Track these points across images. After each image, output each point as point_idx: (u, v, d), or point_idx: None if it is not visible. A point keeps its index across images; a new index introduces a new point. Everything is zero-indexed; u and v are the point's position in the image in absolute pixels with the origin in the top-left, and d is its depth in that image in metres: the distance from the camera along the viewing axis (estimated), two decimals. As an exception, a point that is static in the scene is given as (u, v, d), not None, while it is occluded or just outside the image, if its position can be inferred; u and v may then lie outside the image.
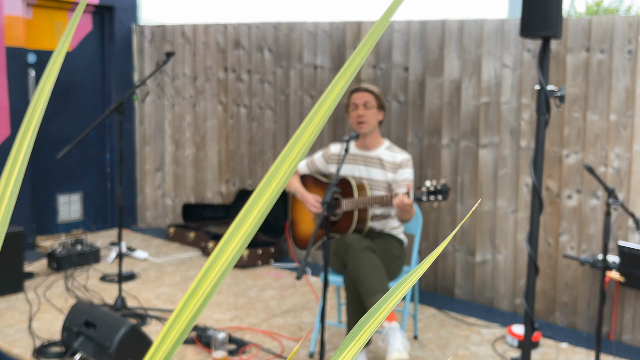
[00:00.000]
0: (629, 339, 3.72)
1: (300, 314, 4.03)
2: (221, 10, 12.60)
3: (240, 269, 4.93)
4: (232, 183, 5.60)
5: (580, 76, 3.79)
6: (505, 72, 4.06)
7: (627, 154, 3.66)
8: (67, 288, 4.36)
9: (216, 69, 5.58)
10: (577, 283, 3.90)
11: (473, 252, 4.28)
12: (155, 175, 6.14)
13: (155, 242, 5.66)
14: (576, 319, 3.92)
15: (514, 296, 4.16)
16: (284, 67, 5.14)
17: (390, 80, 4.53)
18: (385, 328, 3.01)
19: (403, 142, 4.48)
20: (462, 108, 4.24)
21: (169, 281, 4.61)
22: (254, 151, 5.42)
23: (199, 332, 3.53)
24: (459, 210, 4.32)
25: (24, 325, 3.72)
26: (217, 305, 4.15)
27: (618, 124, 3.68)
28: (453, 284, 4.41)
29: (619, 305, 3.73)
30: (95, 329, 3.13)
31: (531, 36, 2.78)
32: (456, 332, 3.82)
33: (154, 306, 4.10)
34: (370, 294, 3.03)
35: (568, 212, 3.89)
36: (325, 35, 4.86)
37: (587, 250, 3.84)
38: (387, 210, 3.45)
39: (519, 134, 4.04)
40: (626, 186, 3.67)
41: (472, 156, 4.23)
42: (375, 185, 3.41)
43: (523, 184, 4.06)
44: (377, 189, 3.40)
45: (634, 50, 3.60)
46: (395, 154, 3.43)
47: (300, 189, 3.54)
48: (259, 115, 5.34)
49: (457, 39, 4.23)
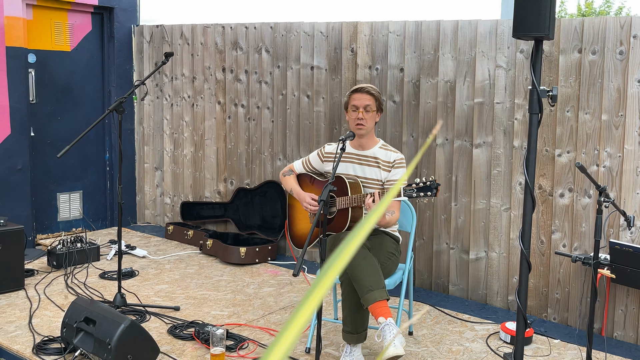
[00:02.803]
0: (620, 335, 3.79)
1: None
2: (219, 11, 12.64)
3: (238, 266, 4.98)
4: (230, 182, 5.66)
5: (572, 77, 3.85)
6: (499, 72, 4.12)
7: (618, 153, 3.72)
8: (67, 285, 4.41)
9: (214, 69, 5.63)
10: (569, 280, 3.97)
11: (467, 249, 4.34)
12: (154, 174, 6.19)
13: (154, 240, 5.72)
14: (568, 316, 3.98)
15: (507, 293, 4.22)
16: (281, 67, 5.19)
17: (385, 81, 4.59)
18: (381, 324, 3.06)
19: (398, 142, 4.54)
20: (456, 108, 4.30)
21: (168, 278, 4.67)
22: (251, 150, 5.47)
23: (198, 328, 3.58)
24: (453, 209, 4.38)
25: (24, 322, 3.77)
26: (216, 302, 4.21)
27: (610, 124, 3.74)
28: (447, 281, 4.47)
29: (611, 302, 3.79)
30: (95, 326, 3.18)
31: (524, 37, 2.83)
32: (450, 328, 3.88)
33: (153, 303, 4.15)
34: (366, 291, 3.08)
35: (560, 210, 3.95)
36: (321, 36, 4.92)
37: (579, 247, 3.90)
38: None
39: (512, 133, 4.11)
40: (617, 185, 3.73)
41: (466, 155, 4.29)
42: (369, 184, 3.46)
43: (516, 182, 4.12)
44: (371, 187, 3.45)
45: (625, 51, 3.66)
46: (390, 153, 3.48)
47: (296, 188, 3.60)
48: (257, 115, 5.40)
49: (451, 40, 4.29)
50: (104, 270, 4.78)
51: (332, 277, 0.55)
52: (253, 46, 5.36)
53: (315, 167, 3.67)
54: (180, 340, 3.58)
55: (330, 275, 0.55)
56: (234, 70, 5.50)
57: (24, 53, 5.27)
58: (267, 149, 5.36)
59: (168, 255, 5.26)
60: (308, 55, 5.01)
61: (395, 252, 3.46)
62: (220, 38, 5.56)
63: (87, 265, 4.85)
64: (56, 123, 5.67)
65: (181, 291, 4.40)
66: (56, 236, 5.67)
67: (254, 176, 5.48)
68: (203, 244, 5.32)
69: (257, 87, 5.37)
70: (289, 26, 5.12)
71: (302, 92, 5.08)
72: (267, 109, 5.33)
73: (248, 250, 5.03)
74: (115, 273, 4.62)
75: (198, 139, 5.83)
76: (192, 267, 4.95)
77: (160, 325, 3.80)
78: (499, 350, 3.58)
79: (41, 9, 5.50)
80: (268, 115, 5.33)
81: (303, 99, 5.08)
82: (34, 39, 5.45)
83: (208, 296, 4.32)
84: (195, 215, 5.81)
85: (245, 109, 5.47)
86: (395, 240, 3.52)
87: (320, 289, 0.55)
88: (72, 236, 5.00)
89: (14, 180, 5.23)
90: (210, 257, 5.23)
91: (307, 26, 5.01)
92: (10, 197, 5.22)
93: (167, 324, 3.81)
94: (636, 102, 3.65)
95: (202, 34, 5.68)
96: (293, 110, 5.15)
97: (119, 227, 3.99)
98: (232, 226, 5.63)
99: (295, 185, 3.62)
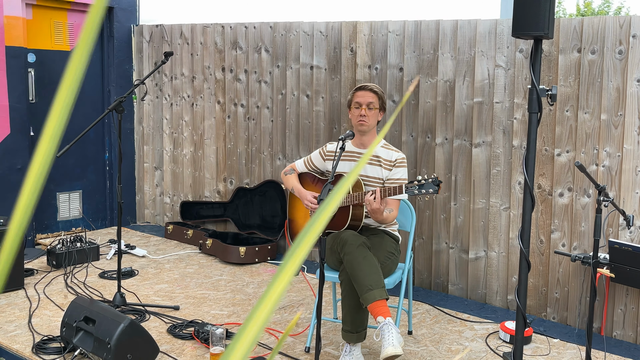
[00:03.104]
0: (620, 334, 3.79)
1: (296, 310, 4.09)
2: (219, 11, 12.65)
3: (238, 266, 4.99)
4: (229, 181, 5.66)
5: (572, 76, 3.85)
6: (498, 72, 4.12)
7: (617, 153, 3.72)
8: (67, 285, 4.41)
9: (214, 69, 5.63)
10: (568, 279, 3.97)
11: (466, 249, 4.35)
12: (154, 173, 6.19)
13: (154, 239, 5.72)
14: (568, 315, 3.99)
15: (506, 293, 4.22)
16: (280, 67, 5.19)
17: (385, 80, 4.59)
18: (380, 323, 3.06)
19: (398, 141, 4.54)
20: (456, 107, 4.30)
21: (167, 278, 4.67)
22: (251, 150, 5.47)
23: (197, 327, 3.58)
24: (453, 208, 4.38)
25: (24, 322, 3.78)
26: (215, 301, 4.21)
27: (609, 123, 3.74)
28: (447, 280, 4.47)
29: (610, 301, 3.80)
30: (95, 325, 3.18)
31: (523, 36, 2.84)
32: (450, 327, 3.89)
33: (153, 302, 4.15)
34: (365, 290, 3.08)
35: (560, 209, 3.96)
36: (321, 35, 4.92)
37: (579, 247, 3.90)
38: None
39: (512, 133, 4.11)
40: (617, 184, 3.73)
41: (465, 155, 4.30)
42: (370, 182, 3.46)
43: (515, 182, 4.12)
44: (372, 185, 3.46)
45: (624, 51, 3.66)
46: (392, 152, 3.49)
47: (297, 186, 3.60)
48: (256, 114, 5.40)
49: (451, 39, 4.29)
50: (103, 269, 4.78)
51: (299, 260, 0.55)
52: (252, 46, 5.36)
53: (317, 166, 3.68)
54: (180, 340, 3.58)
55: (297, 258, 0.54)
56: (234, 70, 5.50)
57: (24, 52, 5.27)
58: (267, 149, 5.36)
59: (168, 254, 5.26)
60: (307, 55, 5.02)
61: (394, 252, 3.46)
62: (220, 38, 5.57)
63: (86, 265, 4.85)
64: (56, 123, 5.66)
65: (181, 291, 4.40)
66: (56, 236, 5.67)
67: (254, 176, 5.49)
68: (203, 244, 5.32)
69: (257, 87, 5.37)
70: (288, 26, 5.12)
71: (302, 91, 5.08)
72: (266, 109, 5.33)
73: (247, 250, 5.03)
74: (114, 272, 4.62)
75: (198, 138, 5.83)
76: (192, 267, 4.96)
77: (159, 324, 3.80)
78: (498, 349, 3.58)
79: (41, 9, 5.50)
80: (268, 114, 5.33)
81: (302, 98, 5.08)
82: (34, 39, 5.45)
83: (207, 296, 4.32)
84: (195, 215, 5.82)
85: (244, 109, 5.48)
86: (394, 240, 3.53)
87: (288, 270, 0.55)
88: (71, 236, 5.00)
89: (14, 180, 5.23)
90: (209, 256, 5.24)
91: (306, 26, 5.01)
92: (9, 197, 5.22)
93: (167, 323, 3.82)
94: (635, 102, 3.65)
95: (202, 34, 5.68)
96: (292, 110, 5.15)
97: (118, 226, 3.99)
98: (232, 226, 5.63)
99: (297, 183, 3.62)
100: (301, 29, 5.04)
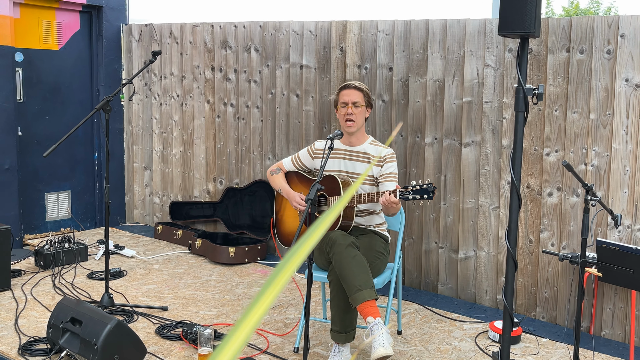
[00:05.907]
0: (608, 333, 3.79)
1: (285, 310, 4.07)
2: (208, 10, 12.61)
3: (228, 266, 4.97)
4: (219, 181, 5.64)
5: (560, 76, 3.86)
6: (488, 71, 4.12)
7: (606, 152, 3.73)
8: (54, 285, 4.38)
9: (203, 68, 5.61)
10: (557, 279, 3.97)
11: (456, 249, 4.35)
12: (143, 173, 6.16)
13: (143, 239, 5.69)
14: (557, 314, 3.99)
15: (496, 292, 4.22)
16: (270, 66, 5.18)
17: (374, 80, 4.58)
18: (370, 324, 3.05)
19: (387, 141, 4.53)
20: (445, 107, 4.30)
21: (156, 278, 4.64)
22: (240, 150, 5.45)
23: (185, 328, 3.56)
24: (442, 208, 4.38)
25: (10, 323, 3.74)
26: (204, 302, 4.19)
27: (597, 123, 3.75)
28: (436, 280, 4.47)
29: (598, 300, 3.80)
30: (81, 326, 3.15)
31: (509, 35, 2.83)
32: (439, 327, 3.88)
33: (141, 303, 4.13)
34: (355, 290, 3.07)
35: (549, 209, 3.96)
36: (310, 35, 4.91)
37: (568, 246, 3.91)
38: (373, 206, 3.50)
39: (501, 132, 4.11)
40: (605, 184, 3.74)
41: (455, 154, 4.29)
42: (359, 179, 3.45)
43: (505, 181, 4.12)
44: (364, 183, 3.45)
45: (612, 50, 3.67)
46: (380, 148, 3.49)
47: (285, 186, 3.58)
48: (246, 114, 5.38)
49: (440, 39, 4.29)
50: (92, 270, 4.75)
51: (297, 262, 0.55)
52: (242, 45, 5.34)
53: (305, 164, 3.66)
54: (168, 341, 3.56)
55: (294, 262, 0.54)
56: (223, 70, 5.48)
57: (12, 52, 5.23)
58: (257, 148, 5.35)
59: (157, 255, 5.24)
60: (297, 54, 5.00)
61: (384, 252, 3.46)
62: (209, 37, 5.54)
63: (74, 266, 4.82)
64: (44, 122, 5.63)
65: (169, 291, 4.38)
66: (44, 236, 5.63)
67: (244, 175, 5.47)
68: (192, 244, 5.30)
69: (247, 86, 5.35)
70: (278, 25, 5.11)
71: (292, 91, 5.07)
72: (256, 108, 5.31)
73: (237, 250, 5.01)
74: (103, 273, 4.59)
75: (187, 138, 5.81)
76: (181, 267, 4.93)
77: (147, 325, 3.78)
78: (487, 349, 3.58)
79: (29, 7, 5.46)
80: (257, 114, 5.31)
81: (292, 98, 5.07)
82: (22, 38, 5.41)
83: (196, 296, 4.30)
84: (185, 215, 5.79)
85: (234, 108, 5.46)
86: (383, 240, 3.52)
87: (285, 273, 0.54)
88: (60, 236, 4.97)
89: (1, 180, 5.19)
90: (199, 257, 5.21)
91: (296, 25, 5.00)
92: (-3, 197, 5.18)
93: (155, 324, 3.79)
94: (624, 101, 3.66)
95: (191, 33, 5.66)
96: (282, 110, 5.14)
97: (106, 227, 3.96)
98: (222, 226, 5.61)
99: (284, 183, 3.61)
100: (291, 28, 5.03)
